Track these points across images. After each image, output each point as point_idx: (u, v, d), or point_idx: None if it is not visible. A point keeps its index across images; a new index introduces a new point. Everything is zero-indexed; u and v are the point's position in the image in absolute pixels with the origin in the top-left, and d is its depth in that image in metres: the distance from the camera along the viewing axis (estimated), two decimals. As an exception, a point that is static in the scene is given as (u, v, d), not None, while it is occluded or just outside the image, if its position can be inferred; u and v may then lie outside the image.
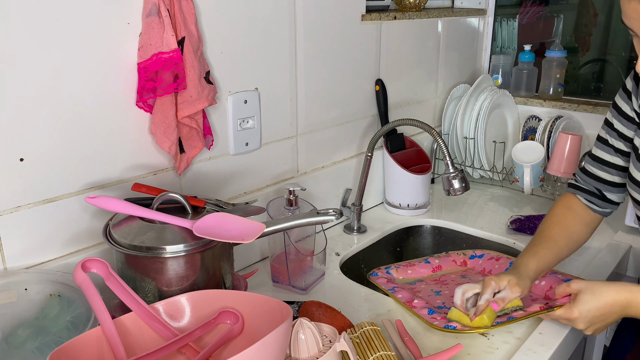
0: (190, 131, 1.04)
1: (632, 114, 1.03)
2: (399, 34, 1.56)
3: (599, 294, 0.92)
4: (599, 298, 0.92)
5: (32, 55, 0.85)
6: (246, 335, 0.83)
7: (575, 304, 0.93)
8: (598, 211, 1.12)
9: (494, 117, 1.77)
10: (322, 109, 1.38)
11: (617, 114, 1.06)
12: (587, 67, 2.03)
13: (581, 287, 0.94)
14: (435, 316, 1.03)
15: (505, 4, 2.00)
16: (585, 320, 0.93)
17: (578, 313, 0.92)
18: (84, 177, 0.95)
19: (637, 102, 1.01)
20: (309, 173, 1.39)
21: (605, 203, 1.11)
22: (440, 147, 1.25)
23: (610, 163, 1.08)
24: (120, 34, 0.94)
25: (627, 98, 1.03)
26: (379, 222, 1.52)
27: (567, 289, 0.96)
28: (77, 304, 0.85)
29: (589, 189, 1.12)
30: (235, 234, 0.84)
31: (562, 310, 0.95)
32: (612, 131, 1.07)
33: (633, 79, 1.02)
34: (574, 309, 0.93)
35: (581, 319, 0.93)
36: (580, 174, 1.14)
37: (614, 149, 1.07)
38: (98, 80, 0.93)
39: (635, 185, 1.00)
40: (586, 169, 1.12)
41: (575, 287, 0.95)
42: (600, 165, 1.09)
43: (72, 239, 0.96)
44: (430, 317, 1.03)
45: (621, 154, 1.06)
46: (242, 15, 1.12)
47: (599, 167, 1.10)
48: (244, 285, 1.00)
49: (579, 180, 1.14)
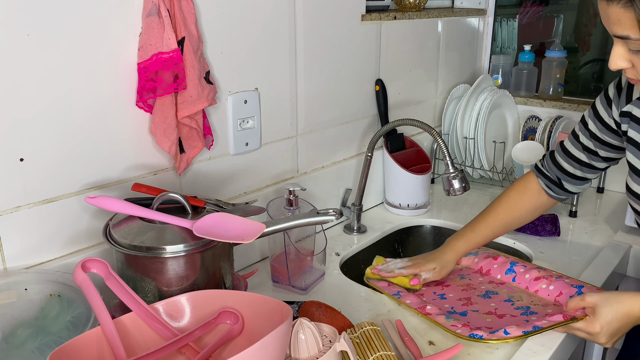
0: (190, 131, 1.04)
1: (610, 122, 1.04)
2: (399, 34, 1.56)
3: (616, 305, 0.91)
4: (617, 309, 0.91)
5: (32, 55, 0.85)
6: (246, 335, 0.83)
7: (596, 317, 0.92)
8: (553, 197, 1.19)
9: (494, 117, 1.77)
10: (322, 109, 1.38)
11: (593, 116, 1.08)
12: (587, 67, 2.03)
13: (596, 300, 0.93)
14: (456, 324, 1.01)
15: (505, 4, 2.00)
16: (607, 334, 0.92)
17: (600, 327, 0.91)
18: (84, 177, 0.95)
19: (617, 111, 1.02)
20: (309, 173, 1.39)
21: (561, 191, 1.17)
22: (440, 147, 1.25)
23: (575, 157, 1.12)
24: (120, 34, 0.94)
25: (607, 105, 1.05)
26: (379, 222, 1.52)
27: (582, 303, 0.95)
28: (77, 304, 0.85)
29: (550, 176, 1.17)
30: (235, 234, 0.84)
31: (583, 323, 0.93)
32: (585, 130, 1.10)
33: (616, 87, 1.03)
34: (595, 324, 0.92)
35: (603, 333, 0.92)
36: (547, 159, 1.18)
37: (582, 146, 1.11)
38: (98, 80, 0.93)
39: (633, 196, 1.02)
40: (554, 156, 1.16)
41: (590, 300, 0.94)
42: (566, 157, 1.14)
43: (72, 239, 0.96)
44: (450, 325, 1.01)
45: (588, 152, 1.10)
46: (242, 15, 1.12)
47: (564, 159, 1.14)
48: (244, 285, 1.00)
49: (544, 166, 1.18)
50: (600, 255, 1.30)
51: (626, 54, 0.82)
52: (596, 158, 1.10)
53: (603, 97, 1.06)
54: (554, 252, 1.34)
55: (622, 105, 1.01)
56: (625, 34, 0.78)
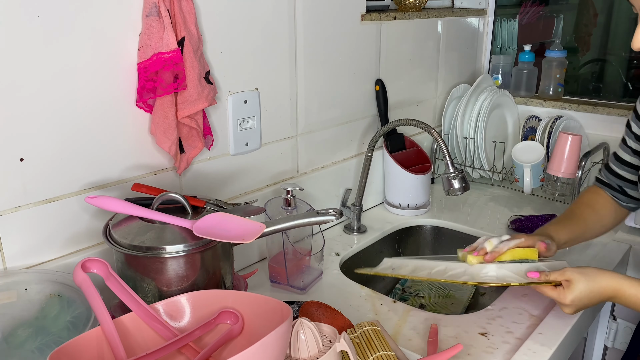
0: (190, 131, 1.04)
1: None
2: (399, 34, 1.56)
3: (591, 284, 0.93)
4: (591, 287, 0.93)
5: (32, 55, 0.85)
6: (246, 335, 0.83)
7: (570, 290, 0.94)
8: (623, 205, 1.16)
9: (494, 117, 1.77)
10: (322, 109, 1.38)
11: (635, 118, 1.08)
12: (587, 67, 2.03)
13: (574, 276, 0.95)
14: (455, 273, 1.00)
15: (505, 4, 2.00)
16: (574, 307, 0.95)
17: (570, 301, 0.94)
18: (84, 177, 0.95)
19: None
20: (309, 173, 1.39)
21: (628, 199, 1.15)
22: (440, 147, 1.25)
23: (628, 162, 1.11)
24: (120, 34, 0.94)
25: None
26: (379, 222, 1.52)
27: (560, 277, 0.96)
28: (77, 304, 0.85)
29: (611, 185, 1.16)
30: (235, 234, 0.84)
31: (556, 293, 0.96)
32: (630, 133, 1.10)
33: None
34: (568, 295, 0.94)
35: (571, 305, 0.94)
36: (604, 170, 1.17)
37: (631, 149, 1.10)
38: (98, 80, 0.93)
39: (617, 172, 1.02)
40: (609, 166, 1.16)
41: (569, 275, 0.95)
42: (620, 164, 1.13)
43: (72, 239, 0.96)
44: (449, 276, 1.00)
45: (638, 155, 1.09)
46: (242, 15, 1.12)
47: (618, 166, 1.13)
48: (244, 285, 1.00)
49: (604, 176, 1.17)
50: (601, 255, 1.30)
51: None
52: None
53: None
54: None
55: None
56: None
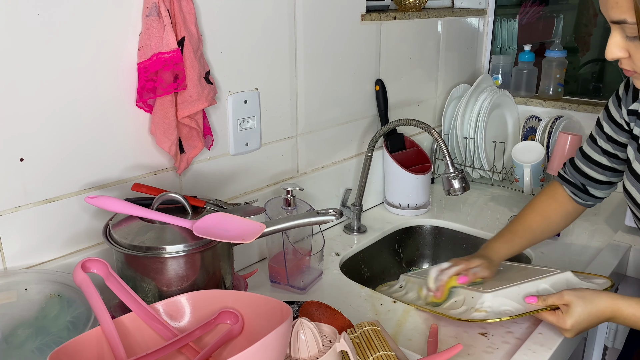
0: (190, 131, 1.04)
1: (621, 122, 1.04)
2: (399, 34, 1.56)
3: (590, 306, 0.93)
4: (590, 310, 0.93)
5: (32, 55, 0.85)
6: (246, 335, 0.83)
7: (569, 315, 0.93)
8: (581, 203, 1.17)
9: (494, 117, 1.77)
10: (322, 109, 1.38)
11: (607, 118, 1.07)
12: (587, 67, 2.03)
13: (572, 299, 0.94)
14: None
15: (505, 4, 2.00)
16: (574, 331, 0.94)
17: (570, 325, 0.93)
18: (84, 177, 0.95)
19: (625, 110, 1.02)
20: (309, 173, 1.39)
21: (588, 197, 1.15)
22: (440, 147, 1.25)
23: (596, 162, 1.11)
24: (120, 34, 0.94)
25: (618, 105, 1.04)
26: (379, 222, 1.52)
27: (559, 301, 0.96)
28: (77, 304, 0.85)
29: (574, 182, 1.15)
30: (235, 234, 0.84)
31: (555, 317, 0.95)
32: (601, 133, 1.09)
33: (624, 86, 1.03)
34: (567, 320, 0.93)
35: (571, 329, 0.94)
36: (569, 167, 1.17)
37: (601, 149, 1.09)
38: (98, 80, 0.93)
39: (628, 196, 1.02)
40: (575, 163, 1.15)
41: (567, 299, 0.95)
42: (587, 162, 1.12)
43: (72, 239, 0.96)
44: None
45: (608, 155, 1.09)
46: (242, 15, 1.12)
47: (585, 164, 1.13)
48: (244, 285, 1.00)
49: (567, 173, 1.17)
50: (600, 256, 1.30)
51: (622, 42, 0.82)
52: (617, 161, 1.08)
53: (614, 97, 1.05)
54: (554, 253, 1.34)
55: (629, 103, 1.01)
56: (622, 17, 0.78)
